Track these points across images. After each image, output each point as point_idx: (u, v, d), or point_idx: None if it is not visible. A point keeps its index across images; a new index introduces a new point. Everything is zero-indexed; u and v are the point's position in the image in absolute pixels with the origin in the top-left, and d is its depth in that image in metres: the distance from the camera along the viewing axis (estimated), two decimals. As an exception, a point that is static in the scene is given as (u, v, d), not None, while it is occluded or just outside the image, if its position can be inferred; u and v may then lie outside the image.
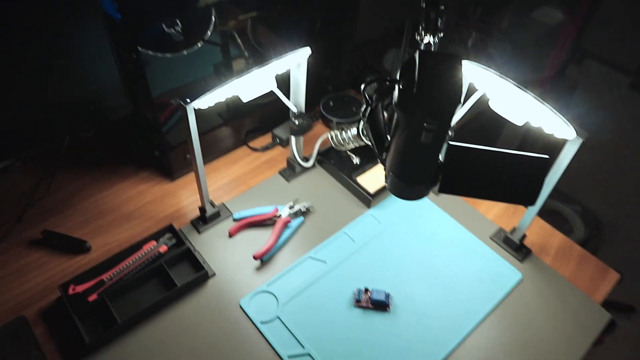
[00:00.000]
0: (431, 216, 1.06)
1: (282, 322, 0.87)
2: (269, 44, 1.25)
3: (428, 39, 0.44)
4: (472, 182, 0.43)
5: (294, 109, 0.98)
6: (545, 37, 1.67)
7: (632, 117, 1.82)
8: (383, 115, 0.56)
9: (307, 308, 0.89)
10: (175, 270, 0.93)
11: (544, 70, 1.70)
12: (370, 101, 0.52)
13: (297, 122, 1.00)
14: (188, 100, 0.79)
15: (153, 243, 0.96)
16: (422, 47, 0.45)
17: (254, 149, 1.18)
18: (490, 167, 0.42)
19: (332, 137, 1.07)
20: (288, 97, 0.97)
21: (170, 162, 1.08)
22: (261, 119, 1.21)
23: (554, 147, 0.87)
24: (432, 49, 0.45)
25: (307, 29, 1.25)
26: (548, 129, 0.83)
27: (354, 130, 1.03)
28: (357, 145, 1.05)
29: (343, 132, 1.05)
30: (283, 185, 1.10)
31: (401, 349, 0.85)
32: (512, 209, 1.10)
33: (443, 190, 0.43)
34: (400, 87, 0.39)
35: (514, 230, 1.00)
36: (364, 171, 1.10)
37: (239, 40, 1.17)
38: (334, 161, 1.13)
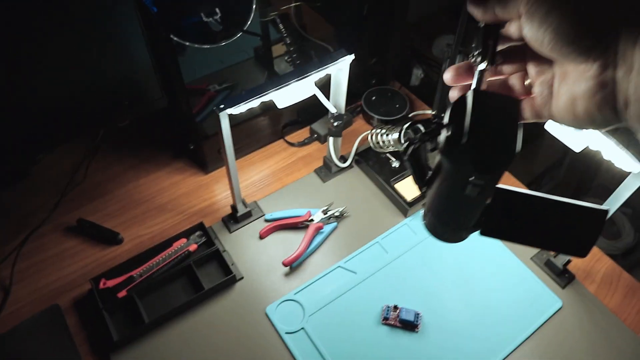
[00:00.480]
0: (470, 229, 1.00)
1: (307, 334, 0.86)
2: (313, 27, 1.19)
3: (484, 65, 0.37)
4: (519, 228, 0.39)
5: (333, 110, 0.93)
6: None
7: None
8: (426, 151, 0.51)
9: (334, 321, 0.87)
10: (204, 271, 0.93)
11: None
12: (413, 139, 0.46)
13: (335, 124, 0.95)
14: (222, 106, 0.76)
15: (183, 241, 0.95)
16: (476, 72, 0.39)
17: (291, 144, 1.15)
18: (541, 215, 0.38)
19: (371, 138, 1.02)
20: (328, 95, 0.93)
21: (204, 155, 1.06)
22: (300, 111, 1.17)
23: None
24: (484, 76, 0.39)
25: (355, 10, 1.18)
26: (608, 156, 0.76)
27: (395, 135, 0.98)
28: (397, 150, 1.00)
29: (384, 134, 1.00)
30: (318, 185, 1.06)
31: (427, 373, 0.82)
32: (559, 227, 1.03)
33: (485, 233, 0.40)
34: (448, 132, 0.34)
35: (557, 253, 0.94)
36: (403, 177, 1.05)
37: (280, 26, 1.12)
38: (372, 162, 1.08)
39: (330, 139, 1.01)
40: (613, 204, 0.79)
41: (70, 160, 1.08)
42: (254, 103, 0.76)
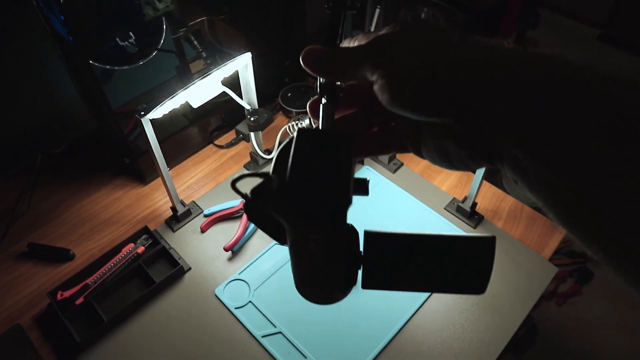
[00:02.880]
0: (389, 194, 1.13)
1: (255, 306, 0.95)
2: (229, 40, 1.30)
3: (324, 101, 0.33)
4: (402, 274, 0.33)
5: (247, 107, 1.04)
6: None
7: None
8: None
9: (277, 290, 0.97)
10: (154, 269, 1.01)
11: (498, 37, 1.74)
12: (247, 198, 0.36)
13: (252, 119, 1.06)
14: (142, 112, 0.86)
15: (131, 245, 1.03)
16: (320, 107, 0.33)
17: (220, 147, 1.25)
18: (424, 255, 0.33)
19: (289, 129, 1.14)
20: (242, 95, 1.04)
21: (140, 168, 1.14)
22: (225, 116, 1.28)
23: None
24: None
25: (264, 21, 1.30)
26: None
27: (306, 121, 1.10)
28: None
29: (298, 123, 1.12)
30: (249, 178, 1.16)
31: (365, 319, 0.93)
32: (465, 178, 1.17)
33: (366, 286, 0.34)
34: (272, 185, 0.31)
35: (465, 199, 1.07)
36: (323, 157, 1.17)
37: (195, 42, 1.22)
38: (296, 150, 1.19)
39: (252, 135, 1.12)
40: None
41: (12, 194, 1.14)
42: (170, 105, 0.86)
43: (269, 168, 0.31)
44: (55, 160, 1.18)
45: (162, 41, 1.11)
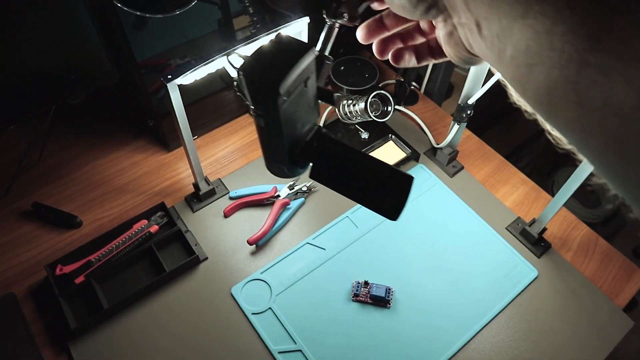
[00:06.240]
0: (443, 201, 0.97)
1: (275, 314, 0.82)
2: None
3: (330, 21, 0.42)
4: (340, 178, 0.40)
5: (295, 81, 0.88)
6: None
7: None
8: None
9: (302, 299, 0.84)
10: (166, 252, 0.89)
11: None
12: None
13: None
14: (170, 76, 0.71)
15: (144, 222, 0.91)
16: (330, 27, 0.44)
17: (257, 118, 1.10)
18: (357, 169, 0.39)
19: (339, 109, 0.98)
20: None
21: (165, 132, 1.01)
22: (266, 83, 1.12)
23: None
24: (336, 30, 0.44)
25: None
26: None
27: (361, 104, 0.94)
28: (365, 120, 0.96)
29: (351, 104, 0.96)
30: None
31: (399, 349, 0.79)
32: (533, 195, 1.00)
33: (312, 176, 0.41)
34: (242, 67, 0.37)
35: (533, 221, 0.91)
36: (372, 148, 1.01)
37: (243, -6, 1.06)
38: (341, 134, 1.04)
39: (296, 111, 0.96)
40: (582, 171, 0.76)
41: (23, 144, 1.02)
42: (204, 71, 0.71)
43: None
44: (74, 113, 1.05)
45: (205, -11, 0.95)
